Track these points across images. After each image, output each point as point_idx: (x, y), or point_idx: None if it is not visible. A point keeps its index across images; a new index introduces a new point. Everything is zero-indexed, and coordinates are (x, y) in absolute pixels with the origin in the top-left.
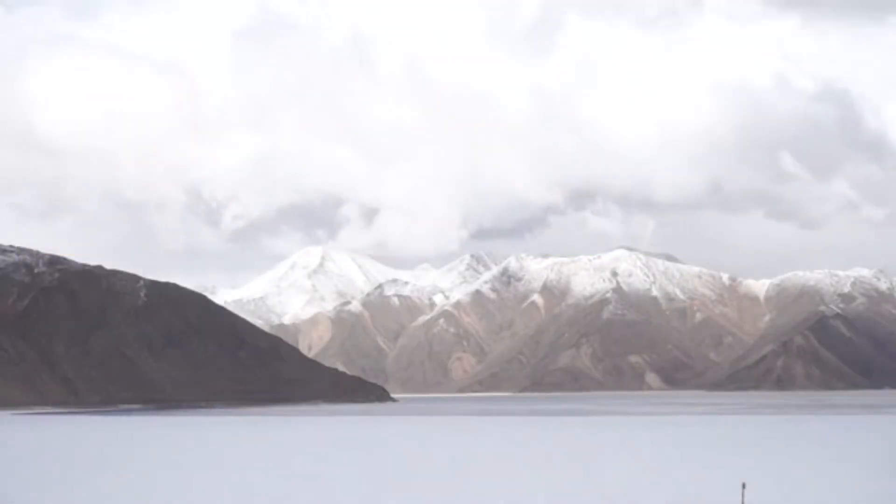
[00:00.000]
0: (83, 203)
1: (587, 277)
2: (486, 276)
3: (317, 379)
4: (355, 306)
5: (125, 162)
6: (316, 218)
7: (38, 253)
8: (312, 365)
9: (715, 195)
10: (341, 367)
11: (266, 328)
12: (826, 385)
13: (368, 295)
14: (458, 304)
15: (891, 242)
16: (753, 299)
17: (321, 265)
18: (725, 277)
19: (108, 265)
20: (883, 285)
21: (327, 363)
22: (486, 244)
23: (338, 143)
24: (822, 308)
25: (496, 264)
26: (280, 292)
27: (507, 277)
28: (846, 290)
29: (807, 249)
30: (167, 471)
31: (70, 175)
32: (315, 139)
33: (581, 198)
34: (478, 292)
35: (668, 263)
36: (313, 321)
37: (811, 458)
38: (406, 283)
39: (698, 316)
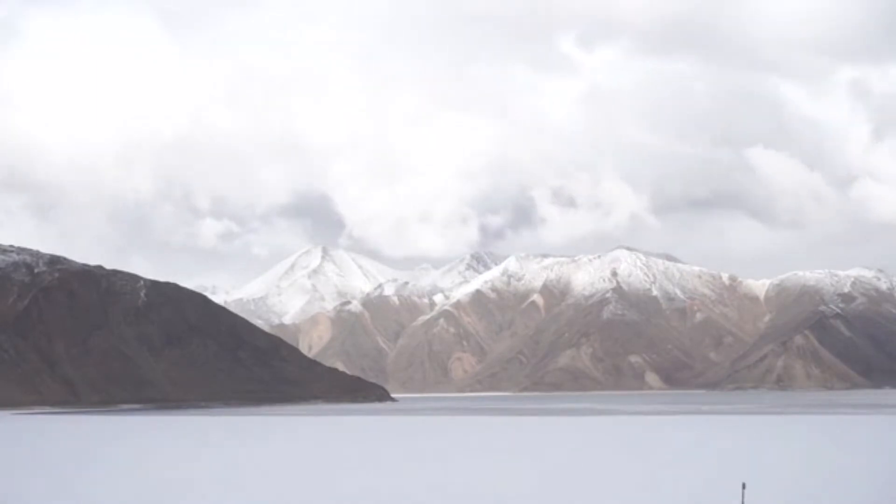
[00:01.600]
0: (83, 202)
1: (587, 277)
2: (486, 276)
3: (317, 379)
4: (355, 306)
5: (125, 160)
6: (316, 217)
7: (38, 253)
8: (312, 365)
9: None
10: (341, 367)
11: (266, 328)
12: (826, 385)
13: (368, 295)
14: (458, 304)
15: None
16: (753, 299)
17: (321, 265)
18: (725, 277)
19: (108, 265)
20: (883, 285)
21: (327, 363)
22: (486, 243)
23: (338, 143)
24: (822, 308)
25: (496, 264)
26: (280, 292)
27: (507, 277)
28: (846, 290)
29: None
30: (167, 471)
31: (70, 174)
32: (315, 138)
33: (579, 196)
34: (478, 292)
35: (668, 263)
36: (313, 321)
37: (811, 458)
38: (406, 283)
39: (698, 316)
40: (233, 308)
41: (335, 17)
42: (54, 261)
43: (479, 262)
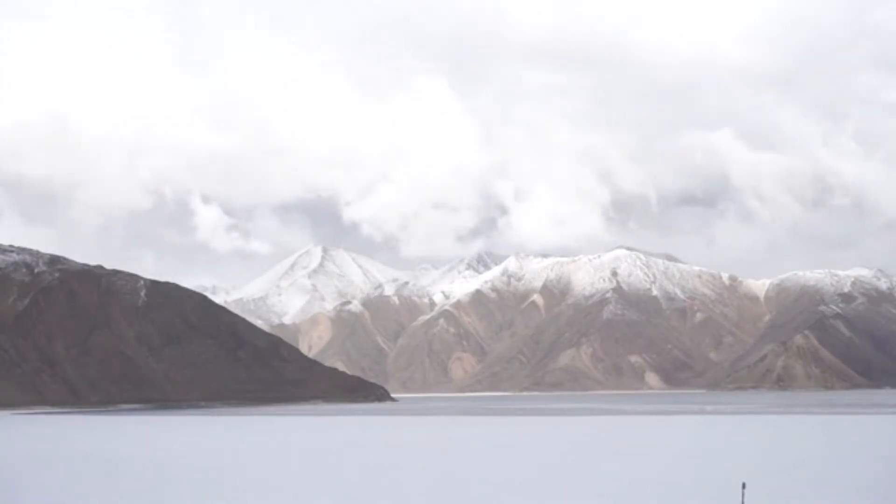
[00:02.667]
0: (83, 202)
1: (587, 277)
2: (486, 275)
3: (317, 379)
4: (355, 306)
5: (124, 160)
6: (316, 217)
7: (38, 253)
8: (312, 365)
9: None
10: (341, 367)
11: (266, 328)
12: (826, 385)
13: (368, 295)
14: (458, 304)
15: None
16: (753, 299)
17: (321, 265)
18: (725, 277)
19: (108, 265)
20: (883, 285)
21: (327, 363)
22: (486, 243)
23: (338, 143)
24: (822, 308)
25: (496, 264)
26: (280, 292)
27: (507, 277)
28: (846, 290)
29: None
30: (167, 471)
31: (69, 173)
32: (315, 137)
33: (580, 196)
34: (478, 292)
35: (668, 263)
36: (313, 321)
37: (811, 458)
38: (406, 283)
39: (698, 316)
40: (233, 308)
41: (335, 18)
42: (54, 261)
43: (479, 262)
